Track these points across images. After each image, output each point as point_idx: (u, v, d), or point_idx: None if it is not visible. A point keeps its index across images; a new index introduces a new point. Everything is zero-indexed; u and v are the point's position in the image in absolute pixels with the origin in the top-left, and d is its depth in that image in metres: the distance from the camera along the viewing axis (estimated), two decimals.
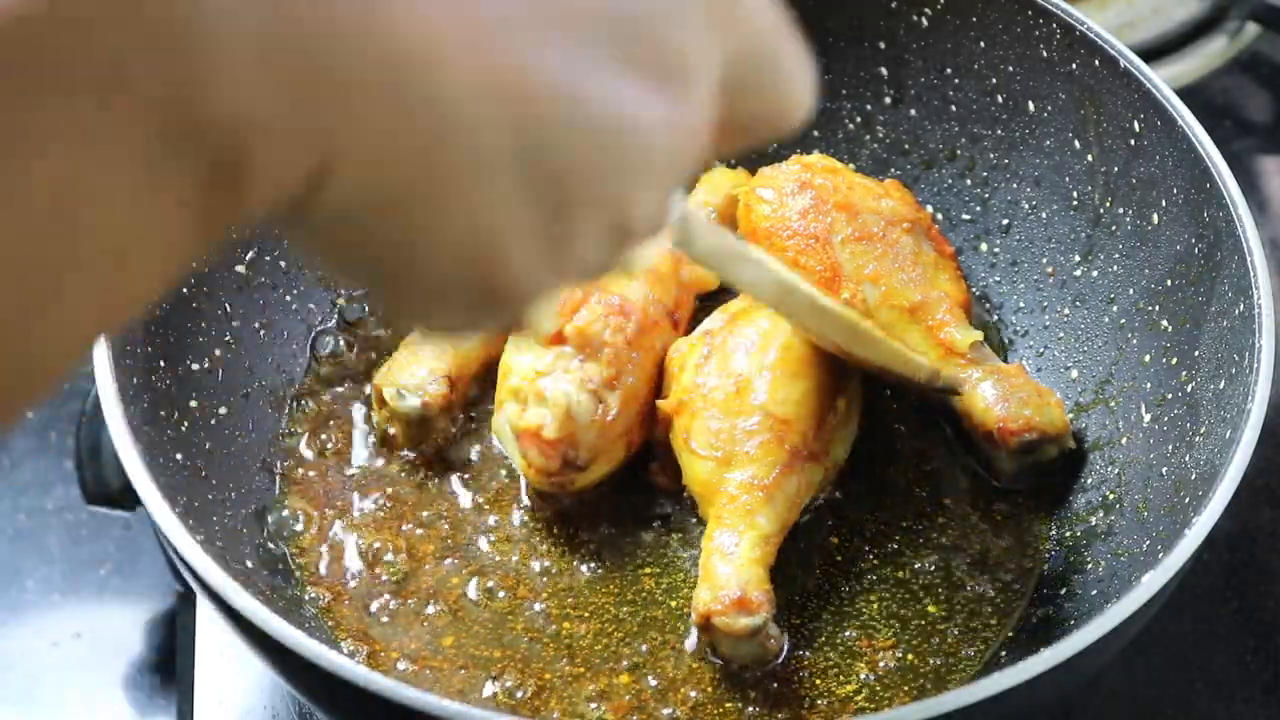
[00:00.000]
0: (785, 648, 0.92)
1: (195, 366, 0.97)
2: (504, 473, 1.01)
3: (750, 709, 0.91)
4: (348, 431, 1.02)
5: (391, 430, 1.01)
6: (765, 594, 0.90)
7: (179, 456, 0.92)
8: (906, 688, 0.93)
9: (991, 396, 0.98)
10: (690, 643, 0.94)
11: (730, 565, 0.90)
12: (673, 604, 0.95)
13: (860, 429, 1.03)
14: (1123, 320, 1.02)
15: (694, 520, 0.98)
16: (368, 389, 1.04)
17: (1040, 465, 0.98)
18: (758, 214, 1.03)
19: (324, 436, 1.02)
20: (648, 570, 0.97)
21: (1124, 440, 0.99)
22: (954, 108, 1.09)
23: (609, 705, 0.91)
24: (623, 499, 0.99)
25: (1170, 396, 0.96)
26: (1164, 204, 0.99)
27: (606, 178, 0.53)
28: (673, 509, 0.99)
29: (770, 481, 0.93)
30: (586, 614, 0.95)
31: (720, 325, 0.99)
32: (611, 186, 0.53)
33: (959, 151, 1.10)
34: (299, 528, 0.98)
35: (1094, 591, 0.93)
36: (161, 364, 0.94)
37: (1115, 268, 1.03)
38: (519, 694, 0.92)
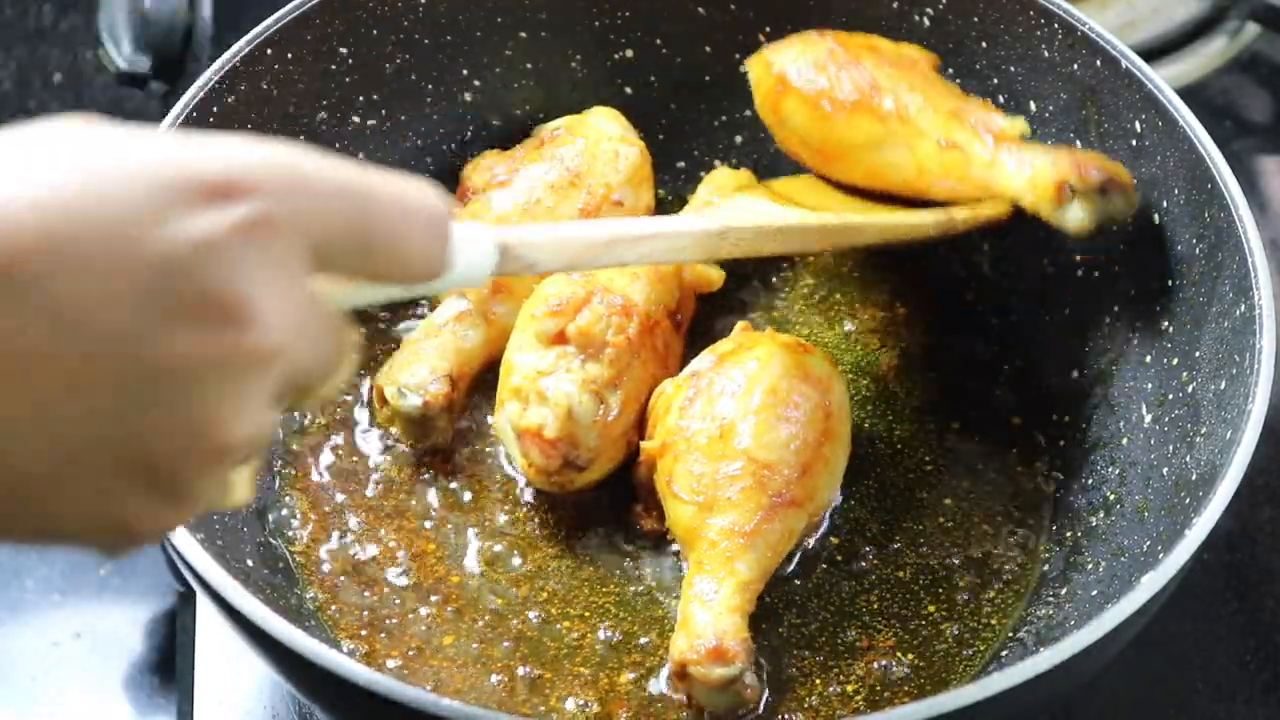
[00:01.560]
0: (765, 695, 0.91)
1: None
2: (505, 472, 1.01)
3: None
4: (348, 431, 1.02)
5: (393, 429, 1.01)
6: (742, 643, 0.89)
7: None
8: (906, 688, 0.93)
9: (1055, 159, 0.96)
10: None
11: (709, 613, 0.90)
12: (672, 603, 0.95)
13: (860, 429, 1.03)
14: (1123, 320, 1.02)
15: None
16: (367, 387, 1.04)
17: (1113, 221, 0.96)
18: (781, 69, 1.03)
19: (324, 436, 1.02)
20: (647, 570, 0.97)
21: (1124, 440, 0.99)
22: None
23: (608, 705, 0.91)
24: (623, 498, 0.99)
25: (1171, 397, 0.96)
26: (1165, 204, 0.99)
27: (182, 429, 0.56)
28: None
29: (751, 528, 0.92)
30: (587, 614, 0.95)
31: (708, 367, 0.97)
32: (193, 433, 0.56)
33: None
34: (299, 527, 0.98)
35: (1094, 591, 0.93)
36: None
37: (1115, 268, 1.03)
38: (518, 693, 0.92)
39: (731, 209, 0.92)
